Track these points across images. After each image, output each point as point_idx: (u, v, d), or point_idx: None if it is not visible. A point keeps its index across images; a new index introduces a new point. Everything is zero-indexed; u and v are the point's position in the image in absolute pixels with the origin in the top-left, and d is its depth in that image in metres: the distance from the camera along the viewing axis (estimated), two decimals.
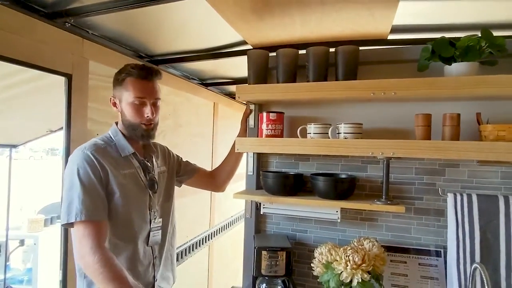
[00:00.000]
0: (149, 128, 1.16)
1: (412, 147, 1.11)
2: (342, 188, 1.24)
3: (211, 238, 2.71)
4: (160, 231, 1.20)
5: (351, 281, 1.13)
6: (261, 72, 1.35)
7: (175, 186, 1.36)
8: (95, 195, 1.02)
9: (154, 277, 1.18)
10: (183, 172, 1.40)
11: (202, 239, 2.54)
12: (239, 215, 3.40)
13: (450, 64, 1.13)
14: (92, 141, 1.13)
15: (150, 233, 1.16)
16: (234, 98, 3.01)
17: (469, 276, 1.01)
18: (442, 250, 1.26)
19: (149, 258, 1.16)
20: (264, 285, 1.30)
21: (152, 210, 1.18)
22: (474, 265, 0.95)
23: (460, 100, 1.20)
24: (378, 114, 1.32)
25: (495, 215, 1.10)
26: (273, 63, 1.37)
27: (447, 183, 1.26)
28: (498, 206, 1.10)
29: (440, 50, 1.12)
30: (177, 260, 2.12)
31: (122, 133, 1.17)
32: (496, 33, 1.07)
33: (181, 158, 1.43)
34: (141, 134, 1.15)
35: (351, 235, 1.37)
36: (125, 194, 1.09)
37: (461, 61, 1.10)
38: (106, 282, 0.97)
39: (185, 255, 2.25)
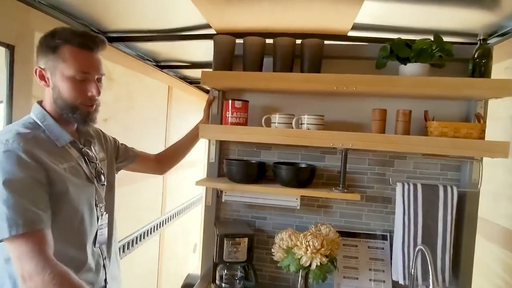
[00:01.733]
0: (91, 109, 0.97)
1: (368, 139, 1.19)
2: (303, 176, 1.30)
3: (163, 226, 2.65)
4: (106, 228, 1.07)
5: (310, 265, 1.20)
6: (227, 58, 1.33)
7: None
8: (32, 199, 0.81)
9: (105, 280, 1.06)
10: (122, 157, 1.26)
11: (154, 226, 2.47)
12: (191, 202, 3.37)
13: (405, 64, 1.22)
14: (13, 130, 0.87)
15: (98, 231, 1.02)
16: (190, 82, 2.92)
17: (413, 257, 1.13)
18: (388, 234, 1.38)
19: (98, 260, 1.03)
20: (225, 271, 1.32)
21: (98, 206, 1.03)
22: (419, 246, 1.07)
23: (412, 98, 1.31)
24: (339, 107, 1.39)
25: (435, 202, 1.23)
26: (239, 51, 1.36)
27: (395, 173, 1.37)
28: (438, 195, 1.23)
29: (398, 50, 1.21)
30: (127, 248, 2.05)
31: (52, 117, 0.94)
32: (445, 39, 1.18)
33: (118, 141, 1.27)
34: (81, 117, 0.94)
35: (308, 221, 1.44)
36: (71, 192, 0.91)
37: (415, 62, 1.20)
38: None
39: (136, 243, 2.17)
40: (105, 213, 1.07)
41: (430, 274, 1.00)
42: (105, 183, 1.08)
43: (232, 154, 1.50)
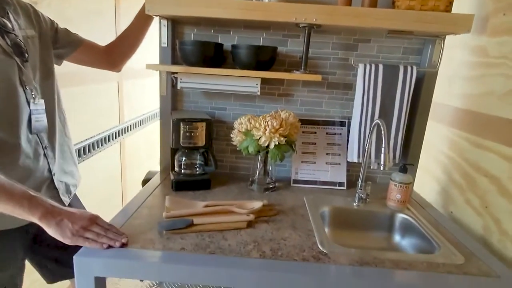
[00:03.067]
0: None
1: (334, 12, 1.10)
2: (263, 57, 1.21)
3: (123, 134, 2.56)
4: (44, 115, 0.98)
5: (268, 146, 1.20)
6: None
7: (55, 65, 1.09)
8: None
9: (50, 170, 1.01)
10: (62, 42, 1.11)
11: (112, 134, 2.38)
12: (153, 113, 3.25)
13: None
14: None
15: (32, 117, 0.94)
16: None
17: (369, 134, 1.15)
18: (346, 121, 1.40)
19: (36, 147, 0.97)
20: (184, 158, 1.29)
21: (27, 87, 0.93)
22: (376, 121, 1.08)
23: None
24: None
25: (394, 82, 1.23)
26: None
27: (359, 57, 1.33)
28: (398, 75, 1.22)
29: None
30: (84, 154, 1.97)
31: None
32: None
33: (57, 24, 1.11)
34: None
35: (268, 111, 1.40)
36: None
37: None
38: None
39: (93, 149, 2.09)
40: (39, 98, 0.97)
41: (383, 145, 1.03)
42: (29, 60, 0.94)
43: (187, 39, 1.36)
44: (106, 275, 0.82)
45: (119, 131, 2.49)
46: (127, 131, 2.65)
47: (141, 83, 2.95)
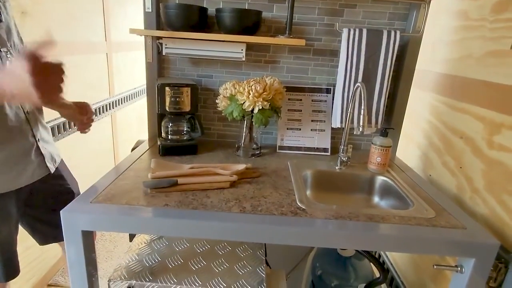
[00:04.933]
0: None
1: None
2: (248, 22, 1.21)
3: (113, 108, 2.55)
4: None
5: (252, 110, 1.21)
6: None
7: None
8: None
9: (33, 136, 1.03)
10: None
11: (103, 106, 2.37)
12: (145, 87, 3.23)
13: None
14: None
15: None
16: None
17: (351, 98, 1.17)
18: (332, 88, 1.41)
19: (17, 112, 0.98)
20: (170, 123, 1.31)
21: (1, 50, 0.92)
22: (357, 84, 1.10)
23: None
24: None
25: (378, 47, 1.23)
26: None
27: (344, 23, 1.33)
28: (382, 39, 1.23)
29: None
30: (74, 125, 1.98)
31: None
32: None
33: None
34: None
35: (255, 78, 1.42)
36: None
37: None
38: None
39: None
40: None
41: (362, 107, 1.05)
42: (2, 21, 0.93)
43: (172, 3, 1.34)
44: (92, 229, 0.85)
45: (109, 104, 2.48)
46: (118, 105, 2.65)
47: (133, 57, 2.91)
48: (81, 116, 1.16)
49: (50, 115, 1.26)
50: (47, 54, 0.69)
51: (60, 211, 0.82)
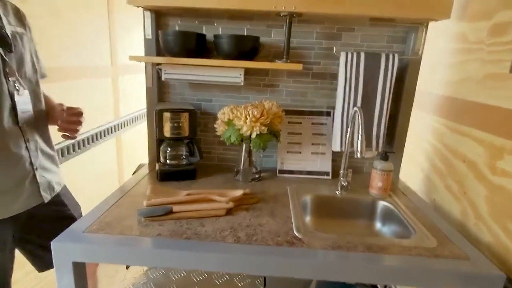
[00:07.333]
0: None
1: (313, 0, 1.11)
2: (246, 47, 1.22)
3: (119, 130, 2.59)
4: (30, 106, 1.00)
5: (250, 135, 1.21)
6: None
7: None
8: None
9: (31, 164, 1.02)
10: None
11: (108, 129, 2.41)
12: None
13: None
14: None
15: (18, 109, 0.95)
16: None
17: (350, 121, 1.16)
18: (332, 111, 1.40)
19: (18, 140, 0.98)
20: (169, 148, 1.31)
21: (10, 79, 0.93)
22: (355, 108, 1.08)
23: None
24: None
25: (376, 70, 1.23)
26: None
27: (343, 47, 1.33)
28: (380, 62, 1.22)
29: None
30: (79, 148, 2.00)
31: None
32: None
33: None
34: None
35: (254, 101, 1.42)
36: None
37: None
38: None
39: (88, 143, 2.12)
40: (23, 89, 0.98)
41: (360, 132, 1.04)
42: (14, 51, 0.95)
43: (171, 30, 1.37)
44: (83, 260, 0.84)
45: (115, 126, 2.51)
46: (124, 127, 2.68)
47: (139, 79, 2.97)
48: (62, 113, 1.09)
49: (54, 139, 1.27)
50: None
51: (51, 242, 0.82)
